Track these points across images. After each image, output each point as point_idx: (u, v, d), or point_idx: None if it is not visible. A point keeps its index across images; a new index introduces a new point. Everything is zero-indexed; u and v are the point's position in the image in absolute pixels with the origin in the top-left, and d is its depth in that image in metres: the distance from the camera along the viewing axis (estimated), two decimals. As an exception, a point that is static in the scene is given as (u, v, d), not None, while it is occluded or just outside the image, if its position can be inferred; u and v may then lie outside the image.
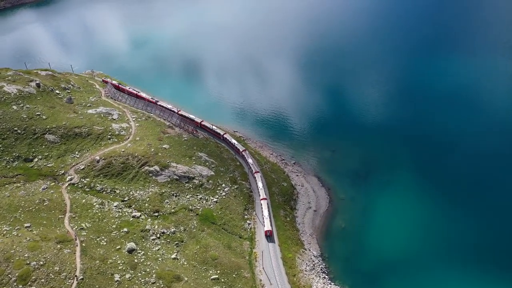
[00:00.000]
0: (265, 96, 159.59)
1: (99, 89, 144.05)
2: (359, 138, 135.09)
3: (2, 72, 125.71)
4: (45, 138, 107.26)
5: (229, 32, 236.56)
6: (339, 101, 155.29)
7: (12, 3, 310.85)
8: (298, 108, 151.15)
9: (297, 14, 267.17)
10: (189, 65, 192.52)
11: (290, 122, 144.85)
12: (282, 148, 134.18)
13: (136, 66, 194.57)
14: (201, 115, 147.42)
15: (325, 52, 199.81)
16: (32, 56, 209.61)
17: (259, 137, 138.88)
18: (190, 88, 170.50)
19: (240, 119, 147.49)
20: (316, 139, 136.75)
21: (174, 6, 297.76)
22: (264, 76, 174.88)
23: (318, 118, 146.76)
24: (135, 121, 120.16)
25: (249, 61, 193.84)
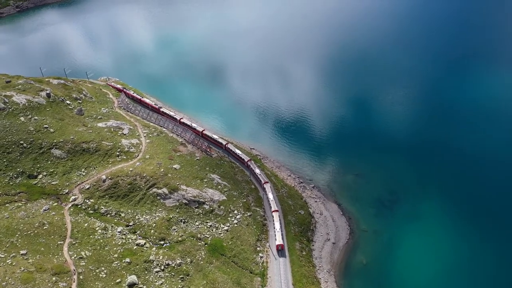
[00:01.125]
0: (285, 111, 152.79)
1: (112, 99, 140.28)
2: (385, 161, 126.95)
3: (13, 80, 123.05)
4: (51, 153, 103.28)
5: (251, 36, 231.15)
6: (364, 118, 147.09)
7: (35, 3, 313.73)
8: (319, 125, 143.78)
9: (322, 18, 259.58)
10: (209, 72, 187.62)
11: (310, 140, 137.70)
12: (300, 168, 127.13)
13: (154, 72, 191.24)
14: (218, 129, 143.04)
15: (350, 61, 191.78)
16: (50, 59, 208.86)
17: (277, 156, 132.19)
18: (209, 98, 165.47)
19: (258, 135, 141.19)
20: (338, 160, 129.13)
21: (198, 9, 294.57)
22: (285, 89, 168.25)
23: (340, 136, 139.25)
24: (146, 136, 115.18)
25: (271, 70, 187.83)
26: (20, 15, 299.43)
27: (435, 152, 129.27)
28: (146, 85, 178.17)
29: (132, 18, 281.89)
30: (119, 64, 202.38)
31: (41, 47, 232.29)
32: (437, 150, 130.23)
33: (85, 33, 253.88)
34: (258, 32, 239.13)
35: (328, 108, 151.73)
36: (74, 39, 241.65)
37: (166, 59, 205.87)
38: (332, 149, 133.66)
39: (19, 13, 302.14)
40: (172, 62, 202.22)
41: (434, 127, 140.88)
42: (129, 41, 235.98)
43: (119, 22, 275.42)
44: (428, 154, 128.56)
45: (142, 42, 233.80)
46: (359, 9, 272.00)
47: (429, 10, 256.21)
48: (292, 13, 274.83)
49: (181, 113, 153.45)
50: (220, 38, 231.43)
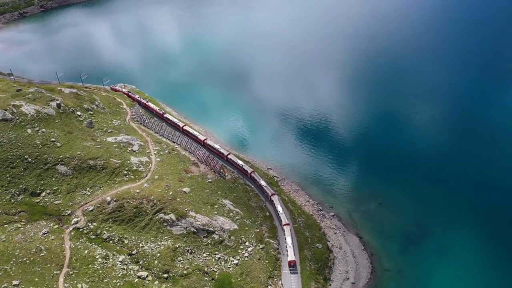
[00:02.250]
0: (306, 128, 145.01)
1: (126, 109, 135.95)
2: (412, 188, 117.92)
3: (24, 88, 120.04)
4: (56, 169, 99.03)
5: (275, 42, 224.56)
6: (391, 140, 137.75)
7: (59, 3, 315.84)
8: (342, 145, 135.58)
9: (349, 22, 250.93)
10: (229, 81, 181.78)
11: (332, 162, 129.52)
12: (320, 193, 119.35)
13: (172, 79, 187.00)
14: (234, 145, 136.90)
15: (377, 72, 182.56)
16: (68, 62, 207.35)
17: (295, 178, 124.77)
18: (226, 110, 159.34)
19: (276, 154, 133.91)
20: (361, 186, 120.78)
21: (222, 12, 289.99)
22: (308, 104, 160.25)
23: (364, 159, 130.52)
24: (156, 154, 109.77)
25: (294, 80, 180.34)
26: (44, 15, 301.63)
27: (469, 181, 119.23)
28: (163, 93, 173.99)
29: (154, 21, 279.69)
30: (137, 70, 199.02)
31: (61, 49, 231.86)
32: (472, 178, 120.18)
33: (105, 35, 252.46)
34: (282, 37, 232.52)
35: (351, 128, 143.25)
36: (94, 42, 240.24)
37: (186, 65, 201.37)
38: (355, 173, 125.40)
39: (43, 12, 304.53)
40: (191, 68, 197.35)
41: (468, 152, 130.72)
42: (149, 45, 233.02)
43: (140, 25, 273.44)
44: (461, 183, 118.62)
45: (163, 46, 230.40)
46: (390, 13, 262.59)
47: (469, 13, 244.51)
48: (318, 17, 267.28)
49: (196, 124, 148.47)
50: (243, 43, 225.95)
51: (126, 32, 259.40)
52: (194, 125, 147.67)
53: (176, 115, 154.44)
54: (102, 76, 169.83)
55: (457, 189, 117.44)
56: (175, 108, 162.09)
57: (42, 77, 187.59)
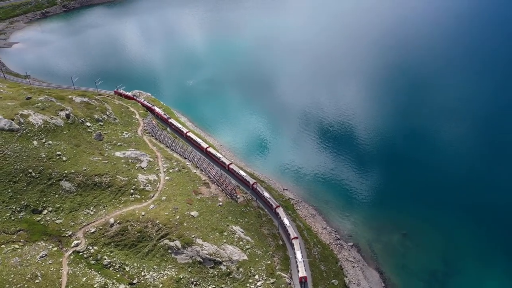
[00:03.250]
0: (326, 147, 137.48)
1: (138, 120, 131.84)
2: (442, 219, 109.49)
3: (34, 96, 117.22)
4: (60, 186, 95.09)
5: (299, 49, 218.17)
6: (420, 161, 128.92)
7: (81, 3, 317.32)
8: (364, 167, 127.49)
9: (378, 30, 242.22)
10: (249, 90, 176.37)
11: (352, 184, 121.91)
12: (339, 219, 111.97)
13: (189, 87, 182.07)
14: (249, 162, 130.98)
15: (405, 86, 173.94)
16: (85, 66, 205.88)
17: (313, 200, 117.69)
18: (244, 122, 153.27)
19: (294, 173, 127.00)
20: (384, 213, 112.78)
21: (247, 17, 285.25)
22: (329, 119, 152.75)
23: (389, 183, 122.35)
24: (166, 172, 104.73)
25: (318, 91, 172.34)
26: (66, 15, 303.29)
27: (507, 212, 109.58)
28: (179, 101, 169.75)
29: (174, 25, 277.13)
30: (153, 76, 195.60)
31: (80, 51, 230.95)
32: (510, 209, 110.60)
33: (124, 38, 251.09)
34: (306, 43, 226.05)
35: (374, 148, 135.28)
36: (112, 45, 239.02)
37: (204, 72, 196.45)
38: (377, 198, 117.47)
39: (65, 12, 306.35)
40: (210, 75, 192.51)
41: (506, 178, 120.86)
42: (167, 50, 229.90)
43: (160, 28, 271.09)
44: (497, 214, 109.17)
45: (182, 51, 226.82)
46: (421, 20, 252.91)
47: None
48: (345, 21, 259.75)
49: (211, 137, 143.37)
50: (266, 49, 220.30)
51: (145, 36, 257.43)
52: (209, 138, 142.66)
53: (191, 125, 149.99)
54: (118, 82, 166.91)
55: (492, 221, 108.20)
56: (190, 118, 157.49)
57: (58, 80, 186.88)
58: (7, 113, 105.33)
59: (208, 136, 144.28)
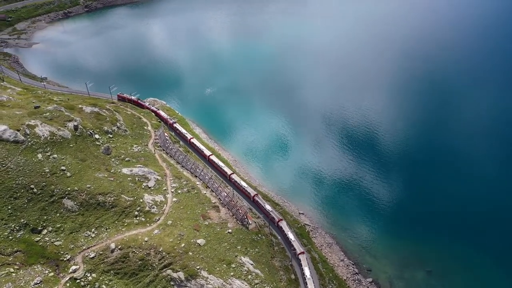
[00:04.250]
0: (347, 169, 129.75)
1: (150, 132, 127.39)
2: (472, 257, 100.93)
3: (43, 105, 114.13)
4: (62, 204, 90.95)
5: (325, 56, 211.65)
6: (450, 189, 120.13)
7: (104, 4, 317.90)
8: (387, 194, 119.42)
9: (407, 36, 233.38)
10: (272, 101, 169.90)
11: (374, 212, 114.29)
12: (358, 250, 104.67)
13: (208, 96, 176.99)
14: (265, 182, 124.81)
15: (436, 101, 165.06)
16: (102, 70, 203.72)
17: (330, 227, 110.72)
18: (263, 137, 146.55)
19: (311, 196, 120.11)
20: (407, 246, 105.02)
21: (270, 22, 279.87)
22: (353, 135, 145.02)
23: (414, 213, 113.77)
24: (174, 192, 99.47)
25: (344, 105, 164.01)
26: (88, 15, 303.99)
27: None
28: (195, 111, 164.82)
29: (196, 28, 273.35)
30: (170, 83, 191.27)
31: (97, 54, 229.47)
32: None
33: (144, 41, 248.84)
34: (332, 49, 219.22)
35: (400, 173, 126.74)
36: (131, 48, 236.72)
37: (224, 79, 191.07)
38: (402, 228, 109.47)
39: (87, 13, 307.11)
40: (230, 84, 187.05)
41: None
42: (187, 55, 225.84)
43: (181, 32, 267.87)
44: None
45: (202, 57, 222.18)
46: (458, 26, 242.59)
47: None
48: (372, 27, 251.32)
49: (226, 151, 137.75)
50: (289, 55, 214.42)
51: (165, 39, 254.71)
52: (224, 152, 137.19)
53: (205, 137, 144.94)
54: (133, 88, 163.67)
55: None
56: (205, 129, 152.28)
57: (74, 84, 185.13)
58: (13, 123, 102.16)
59: (222, 150, 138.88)
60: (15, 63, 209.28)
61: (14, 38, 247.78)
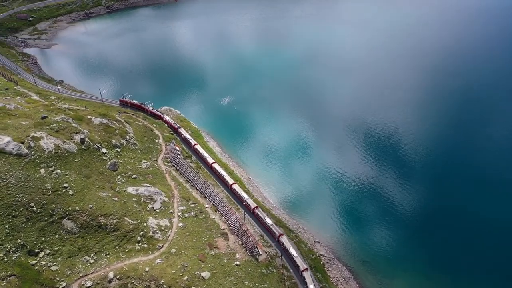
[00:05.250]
0: (371, 193, 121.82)
1: (161, 145, 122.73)
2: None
3: (50, 115, 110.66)
4: (62, 224, 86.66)
5: (352, 68, 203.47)
6: (487, 219, 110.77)
7: (125, 5, 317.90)
8: (414, 225, 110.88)
9: (447, 48, 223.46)
10: (291, 114, 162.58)
11: (397, 244, 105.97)
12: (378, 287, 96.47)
13: (226, 106, 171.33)
14: (280, 203, 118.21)
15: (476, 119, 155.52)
16: (117, 76, 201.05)
17: (348, 259, 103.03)
18: (281, 152, 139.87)
19: (329, 223, 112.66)
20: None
21: (296, 27, 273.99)
22: (379, 158, 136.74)
23: (444, 248, 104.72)
24: (180, 216, 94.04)
25: (372, 126, 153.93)
26: (109, 16, 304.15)
27: None
28: (212, 122, 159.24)
29: (217, 33, 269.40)
30: (186, 90, 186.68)
31: (115, 57, 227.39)
32: None
33: (162, 45, 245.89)
34: (361, 61, 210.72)
35: (430, 201, 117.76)
36: (149, 52, 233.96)
37: (244, 88, 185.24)
38: (428, 266, 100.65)
39: (108, 14, 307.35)
40: (250, 94, 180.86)
41: None
42: (206, 61, 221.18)
43: (201, 36, 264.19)
44: None
45: (222, 64, 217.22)
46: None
47: None
48: (407, 38, 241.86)
49: (241, 167, 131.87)
50: (315, 65, 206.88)
51: (184, 43, 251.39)
52: (238, 169, 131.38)
53: (219, 151, 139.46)
54: (148, 96, 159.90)
55: None
56: (220, 143, 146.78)
57: (90, 88, 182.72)
58: (18, 135, 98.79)
59: (236, 166, 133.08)
60: (33, 65, 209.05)
61: (34, 38, 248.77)
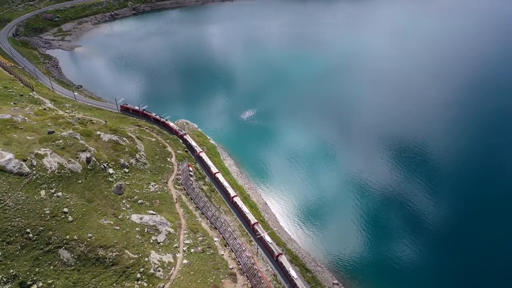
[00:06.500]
0: (402, 235, 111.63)
1: (173, 165, 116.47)
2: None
3: (58, 130, 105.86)
4: (57, 255, 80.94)
5: (386, 81, 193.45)
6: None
7: (152, 7, 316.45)
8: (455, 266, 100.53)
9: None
10: (323, 132, 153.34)
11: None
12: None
13: (245, 120, 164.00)
14: (297, 235, 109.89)
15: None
16: (137, 80, 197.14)
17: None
18: (305, 177, 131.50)
19: (352, 261, 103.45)
20: None
21: (327, 35, 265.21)
22: (419, 189, 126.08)
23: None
24: (186, 251, 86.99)
25: (408, 149, 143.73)
26: (134, 18, 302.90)
27: None
28: (229, 138, 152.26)
29: (241, 39, 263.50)
30: (206, 102, 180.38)
31: (136, 62, 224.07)
32: None
33: (185, 51, 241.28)
34: (396, 75, 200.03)
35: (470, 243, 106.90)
36: (171, 57, 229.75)
37: (268, 101, 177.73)
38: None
39: (134, 15, 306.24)
40: (274, 106, 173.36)
41: None
42: (229, 70, 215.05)
43: (226, 42, 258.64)
44: None
45: (245, 73, 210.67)
46: None
47: None
48: (449, 50, 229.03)
49: (257, 191, 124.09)
50: (346, 76, 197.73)
51: (207, 50, 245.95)
52: (254, 192, 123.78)
53: (236, 171, 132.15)
54: (164, 108, 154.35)
55: None
56: (238, 162, 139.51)
57: (109, 94, 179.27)
58: (21, 151, 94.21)
59: (253, 189, 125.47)
60: (54, 67, 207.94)
61: (58, 40, 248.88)
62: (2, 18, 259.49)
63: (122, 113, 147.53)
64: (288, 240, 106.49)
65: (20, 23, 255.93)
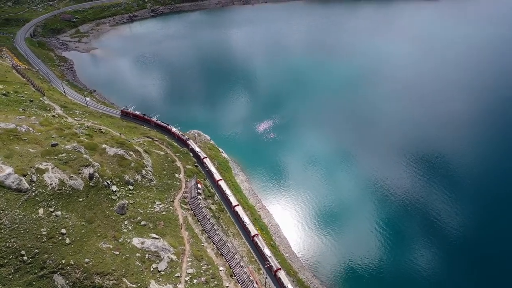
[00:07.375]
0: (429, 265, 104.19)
1: (181, 181, 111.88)
2: None
3: (62, 142, 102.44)
4: (52, 280, 76.95)
5: (413, 91, 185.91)
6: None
7: (170, 9, 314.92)
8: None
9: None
10: (345, 146, 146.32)
11: None
12: None
13: (261, 134, 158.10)
14: (310, 263, 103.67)
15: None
16: (150, 86, 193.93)
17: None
18: (323, 197, 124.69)
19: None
20: None
21: (349, 42, 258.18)
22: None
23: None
24: (188, 282, 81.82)
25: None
26: (153, 20, 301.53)
27: None
28: (242, 151, 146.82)
29: (259, 45, 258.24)
30: (220, 112, 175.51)
31: (151, 67, 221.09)
32: None
33: (202, 56, 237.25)
34: (427, 86, 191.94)
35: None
36: (187, 62, 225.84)
37: (285, 111, 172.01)
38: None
39: (152, 17, 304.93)
40: (292, 117, 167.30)
41: None
42: (246, 77, 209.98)
43: (243, 47, 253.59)
44: None
45: (262, 81, 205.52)
46: None
47: None
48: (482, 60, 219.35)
49: (266, 209, 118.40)
50: (369, 85, 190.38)
51: (225, 55, 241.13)
52: (266, 213, 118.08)
53: (248, 188, 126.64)
54: (179, 117, 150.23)
55: None
56: (250, 179, 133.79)
57: (122, 100, 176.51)
58: (22, 165, 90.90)
59: (264, 209, 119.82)
60: (68, 70, 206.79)
61: (75, 41, 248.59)
62: (21, 18, 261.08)
63: (123, 118, 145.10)
64: (300, 269, 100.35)
65: (38, 24, 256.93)
